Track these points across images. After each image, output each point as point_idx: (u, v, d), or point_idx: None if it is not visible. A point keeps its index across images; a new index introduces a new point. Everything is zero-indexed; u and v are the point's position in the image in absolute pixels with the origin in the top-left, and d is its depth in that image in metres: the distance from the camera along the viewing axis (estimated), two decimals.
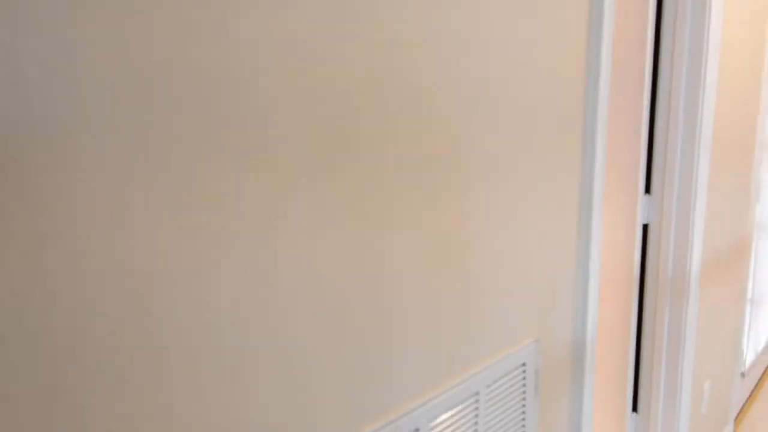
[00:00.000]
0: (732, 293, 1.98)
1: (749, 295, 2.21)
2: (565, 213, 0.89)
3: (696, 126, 1.43)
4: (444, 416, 0.61)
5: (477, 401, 0.64)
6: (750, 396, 2.38)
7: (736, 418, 2.22)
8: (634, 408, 1.66)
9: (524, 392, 0.71)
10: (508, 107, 0.77)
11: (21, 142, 0.36)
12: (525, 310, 0.81)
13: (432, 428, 0.60)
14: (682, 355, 1.55)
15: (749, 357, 2.29)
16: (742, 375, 2.23)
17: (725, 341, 1.97)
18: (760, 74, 1.93)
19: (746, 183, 1.96)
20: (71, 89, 0.37)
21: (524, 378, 0.72)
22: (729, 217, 1.82)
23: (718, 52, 1.44)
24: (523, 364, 0.72)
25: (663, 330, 1.56)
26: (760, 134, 2.00)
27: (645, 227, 1.58)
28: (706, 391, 1.79)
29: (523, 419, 0.73)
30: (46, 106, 0.37)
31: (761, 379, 2.53)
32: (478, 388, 0.64)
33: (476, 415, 0.65)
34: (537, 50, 0.80)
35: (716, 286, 1.79)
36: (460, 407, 0.62)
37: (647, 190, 1.56)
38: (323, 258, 0.55)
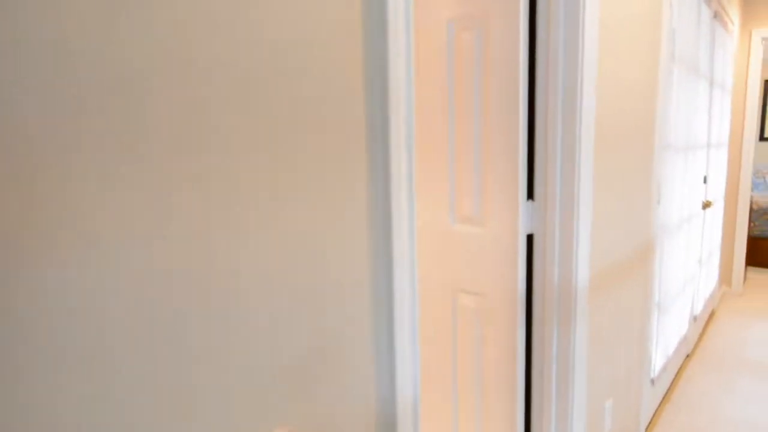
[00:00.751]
0: (636, 299, 1.80)
1: (656, 299, 2.05)
2: (342, 234, 0.62)
3: (575, 124, 1.21)
4: None
5: None
6: (662, 401, 2.24)
7: (648, 426, 2.06)
8: None
9: None
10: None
11: None
12: (260, 387, 0.53)
13: None
14: (572, 378, 1.33)
15: (659, 362, 2.14)
16: (652, 382, 2.07)
17: (631, 351, 1.79)
18: (656, 75, 1.76)
19: (647, 184, 1.78)
20: None
21: None
22: (628, 220, 1.64)
23: (595, 51, 1.23)
24: None
25: (551, 352, 1.34)
26: (659, 134, 1.83)
27: (531, 238, 1.36)
28: (608, 410, 1.59)
29: None
30: None
31: (673, 382, 2.39)
32: None
33: None
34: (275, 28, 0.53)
35: (616, 295, 1.60)
36: None
37: (530, 195, 1.33)
38: None
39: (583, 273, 1.30)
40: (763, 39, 3.30)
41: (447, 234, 1.47)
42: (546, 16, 1.21)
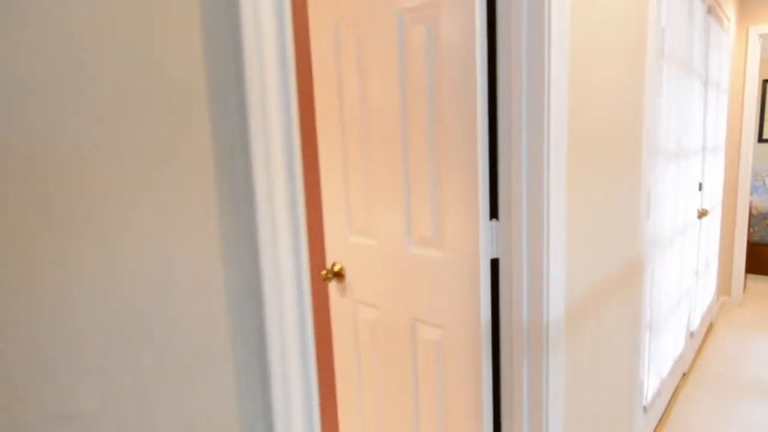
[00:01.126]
0: (625, 322, 1.63)
1: (648, 319, 1.87)
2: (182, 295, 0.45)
3: (543, 131, 1.04)
4: None
5: None
6: (656, 428, 2.06)
7: None
8: None
9: None
10: None
11: None
12: None
13: None
14: (545, 422, 1.15)
15: (652, 386, 1.96)
16: (645, 409, 1.89)
17: (619, 379, 1.62)
18: (643, 76, 1.59)
19: (635, 195, 1.61)
20: None
21: None
22: (612, 237, 1.46)
23: (565, 48, 1.05)
24: None
25: (522, 393, 1.17)
26: (648, 139, 1.66)
27: (495, 262, 1.18)
28: None
29: None
30: None
31: (668, 406, 2.21)
32: None
33: None
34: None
35: (600, 321, 1.42)
36: None
37: (494, 213, 1.16)
38: None
39: (556, 301, 1.13)
40: (761, 36, 3.13)
41: (403, 257, 1.30)
42: (506, 7, 1.04)
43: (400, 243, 1.30)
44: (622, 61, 1.40)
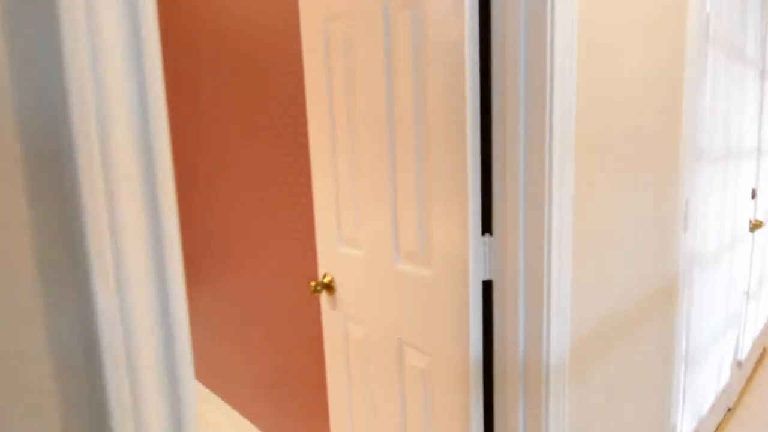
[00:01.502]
0: (653, 355, 1.42)
1: (683, 350, 1.65)
2: None
3: (544, 131, 0.87)
4: None
5: None
6: None
7: None
8: None
9: None
10: None
11: None
12: None
13: None
14: None
15: (687, 425, 1.73)
16: None
17: (643, 423, 1.41)
18: (682, 64, 1.38)
19: (670, 205, 1.40)
20: None
21: None
22: (638, 255, 1.27)
23: (573, 31, 0.88)
24: None
25: None
26: (688, 140, 1.45)
27: (488, 285, 1.02)
28: None
29: None
30: None
31: None
32: None
33: None
34: None
35: (621, 355, 1.23)
36: None
37: (487, 227, 1.00)
38: None
39: (559, 333, 0.96)
40: None
41: (391, 272, 1.16)
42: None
43: (388, 257, 1.16)
44: (654, 49, 1.20)
